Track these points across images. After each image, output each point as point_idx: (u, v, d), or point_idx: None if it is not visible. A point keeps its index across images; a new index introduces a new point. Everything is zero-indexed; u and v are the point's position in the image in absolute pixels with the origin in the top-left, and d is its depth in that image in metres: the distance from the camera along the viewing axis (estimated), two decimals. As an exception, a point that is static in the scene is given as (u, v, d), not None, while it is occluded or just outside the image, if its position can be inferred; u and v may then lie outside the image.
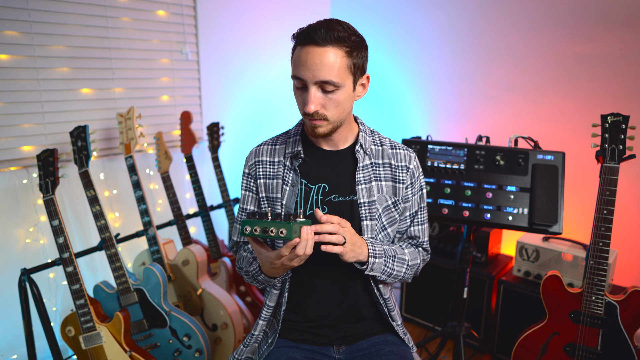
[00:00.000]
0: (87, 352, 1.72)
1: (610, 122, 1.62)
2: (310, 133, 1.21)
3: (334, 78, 1.11)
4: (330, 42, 1.10)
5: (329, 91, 1.13)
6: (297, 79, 1.15)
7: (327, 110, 1.16)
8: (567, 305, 1.73)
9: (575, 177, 2.27)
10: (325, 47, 1.10)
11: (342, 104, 1.17)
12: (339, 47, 1.11)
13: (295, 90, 1.19)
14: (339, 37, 1.11)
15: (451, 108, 2.80)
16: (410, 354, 1.31)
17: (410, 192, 1.32)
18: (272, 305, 1.32)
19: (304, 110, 1.15)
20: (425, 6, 2.78)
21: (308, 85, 1.13)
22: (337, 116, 1.18)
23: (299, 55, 1.13)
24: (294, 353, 1.27)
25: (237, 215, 1.37)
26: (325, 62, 1.10)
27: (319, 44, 1.10)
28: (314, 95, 1.13)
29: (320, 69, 1.10)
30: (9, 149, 1.96)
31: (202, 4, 2.51)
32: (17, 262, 1.93)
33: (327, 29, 1.10)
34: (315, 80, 1.12)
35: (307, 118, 1.18)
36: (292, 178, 1.27)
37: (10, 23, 1.88)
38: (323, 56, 1.10)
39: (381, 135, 1.35)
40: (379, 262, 1.22)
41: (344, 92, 1.15)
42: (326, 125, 1.18)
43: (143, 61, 2.33)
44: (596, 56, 2.23)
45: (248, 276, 1.30)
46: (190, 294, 2.14)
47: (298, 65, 1.13)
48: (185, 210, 2.60)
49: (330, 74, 1.11)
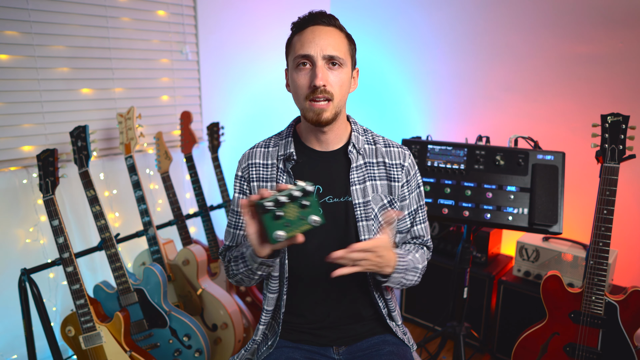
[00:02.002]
0: (87, 352, 1.72)
1: (610, 122, 1.62)
2: (315, 120, 1.18)
3: (340, 54, 1.17)
4: (334, 25, 1.20)
5: (335, 68, 1.17)
6: (304, 57, 1.16)
7: (332, 88, 1.17)
8: (567, 305, 1.73)
9: (575, 177, 2.27)
10: (330, 27, 1.19)
11: (344, 85, 1.20)
12: (340, 30, 1.21)
13: (297, 73, 1.18)
14: (338, 25, 1.22)
15: (451, 108, 2.80)
16: (410, 354, 1.31)
17: (406, 190, 1.31)
18: (271, 310, 1.31)
19: (313, 84, 1.15)
20: (425, 6, 2.78)
21: (315, 62, 1.16)
22: (339, 97, 1.19)
23: (305, 34, 1.18)
24: (294, 353, 1.27)
25: (230, 219, 1.35)
26: (334, 38, 1.17)
27: (326, 23, 1.19)
28: (322, 69, 1.16)
29: (330, 43, 1.16)
30: (9, 149, 1.96)
31: (202, 4, 2.51)
32: (17, 262, 1.93)
33: (330, 15, 1.21)
34: (323, 54, 1.15)
35: (310, 102, 1.17)
36: (286, 180, 1.26)
37: (10, 23, 1.88)
38: (330, 33, 1.18)
39: (374, 134, 1.34)
40: (399, 276, 1.22)
41: (346, 73, 1.20)
42: (330, 109, 1.18)
43: (143, 61, 2.33)
44: (596, 56, 2.23)
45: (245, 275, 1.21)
46: (190, 294, 2.14)
47: (305, 43, 1.17)
48: (185, 210, 2.60)
49: (337, 49, 1.17)
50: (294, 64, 1.19)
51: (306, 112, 1.19)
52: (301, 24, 1.19)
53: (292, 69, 1.20)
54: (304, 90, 1.17)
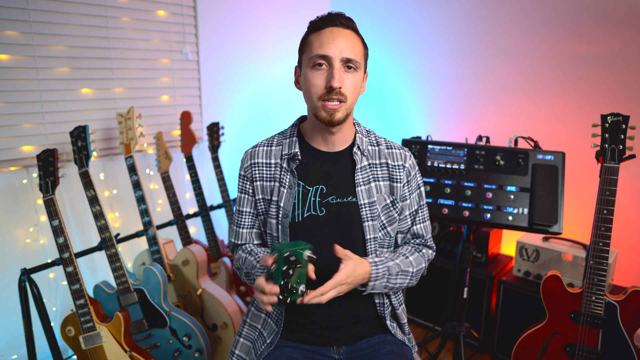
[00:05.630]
0: (87, 352, 1.72)
1: (610, 122, 1.62)
2: (328, 120, 1.18)
3: (357, 57, 1.18)
4: (352, 28, 1.21)
5: (350, 71, 1.18)
6: (321, 57, 1.16)
7: (347, 90, 1.18)
8: (567, 305, 1.73)
9: (575, 177, 2.27)
10: (349, 30, 1.20)
11: (357, 88, 1.21)
12: (356, 34, 1.22)
13: (312, 73, 1.18)
14: (355, 28, 1.22)
15: (451, 108, 2.80)
16: (411, 354, 1.31)
17: (407, 191, 1.32)
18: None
19: (330, 85, 1.15)
20: (425, 6, 2.78)
21: (333, 63, 1.16)
22: (351, 100, 1.20)
23: (324, 35, 1.18)
24: (294, 353, 1.27)
25: (234, 217, 1.37)
26: (351, 42, 1.18)
27: (345, 26, 1.20)
28: (339, 70, 1.16)
29: (348, 46, 1.17)
30: (9, 149, 1.96)
31: (202, 4, 2.51)
32: (17, 262, 1.93)
33: (348, 17, 1.22)
34: (342, 56, 1.16)
35: (323, 102, 1.18)
36: (290, 180, 1.26)
37: (10, 23, 1.88)
38: (349, 36, 1.18)
39: (377, 135, 1.36)
40: (380, 282, 1.23)
41: (360, 77, 1.21)
42: (343, 110, 1.19)
43: (143, 61, 2.33)
44: (596, 56, 2.23)
45: (248, 278, 1.31)
46: (190, 294, 2.14)
47: (324, 44, 1.17)
48: (185, 210, 2.60)
49: (355, 53, 1.18)
50: (310, 63, 1.18)
51: (318, 112, 1.19)
52: (320, 24, 1.19)
53: (307, 68, 1.19)
54: (319, 90, 1.18)
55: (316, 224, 1.25)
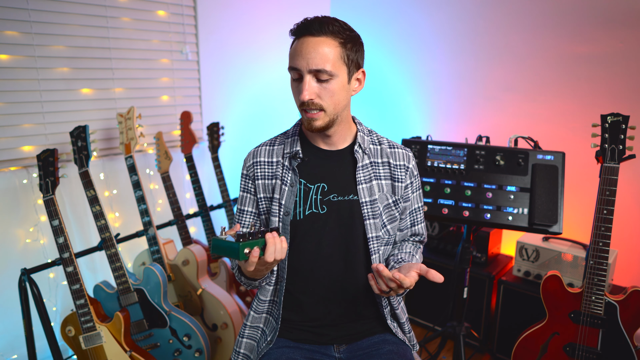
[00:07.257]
0: (87, 352, 1.72)
1: (610, 122, 1.62)
2: (307, 127, 1.21)
3: (327, 67, 1.13)
4: (325, 33, 1.14)
5: (324, 80, 1.16)
6: (293, 70, 1.17)
7: (322, 100, 1.17)
8: (567, 305, 1.73)
9: (575, 177, 2.27)
10: (320, 37, 1.14)
11: (337, 95, 1.18)
12: (332, 38, 1.15)
13: (292, 82, 1.21)
14: (333, 30, 1.14)
15: (451, 108, 2.80)
16: (411, 353, 1.31)
17: (410, 191, 1.35)
18: (266, 300, 1.33)
19: (300, 99, 1.17)
20: (425, 6, 2.78)
21: (303, 75, 1.15)
22: (332, 107, 1.19)
23: (295, 46, 1.17)
24: (294, 353, 1.27)
25: (235, 216, 1.37)
26: (319, 51, 1.13)
27: (314, 34, 1.14)
28: (308, 83, 1.15)
29: (314, 58, 1.13)
30: (9, 149, 1.96)
31: (202, 4, 2.51)
32: (17, 262, 1.93)
33: (322, 21, 1.14)
34: (309, 68, 1.14)
35: (302, 110, 1.20)
36: (291, 178, 1.27)
37: (10, 23, 1.88)
38: (317, 45, 1.13)
39: (379, 135, 1.37)
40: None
41: (338, 82, 1.17)
42: (323, 118, 1.19)
43: (143, 61, 2.33)
44: (596, 56, 2.23)
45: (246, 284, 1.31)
46: (190, 294, 2.14)
47: (294, 56, 1.16)
48: (185, 210, 2.60)
49: (324, 62, 1.13)
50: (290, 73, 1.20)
51: (302, 118, 1.23)
52: (294, 32, 1.19)
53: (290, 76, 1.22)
54: (297, 100, 1.20)
55: (318, 222, 1.26)
